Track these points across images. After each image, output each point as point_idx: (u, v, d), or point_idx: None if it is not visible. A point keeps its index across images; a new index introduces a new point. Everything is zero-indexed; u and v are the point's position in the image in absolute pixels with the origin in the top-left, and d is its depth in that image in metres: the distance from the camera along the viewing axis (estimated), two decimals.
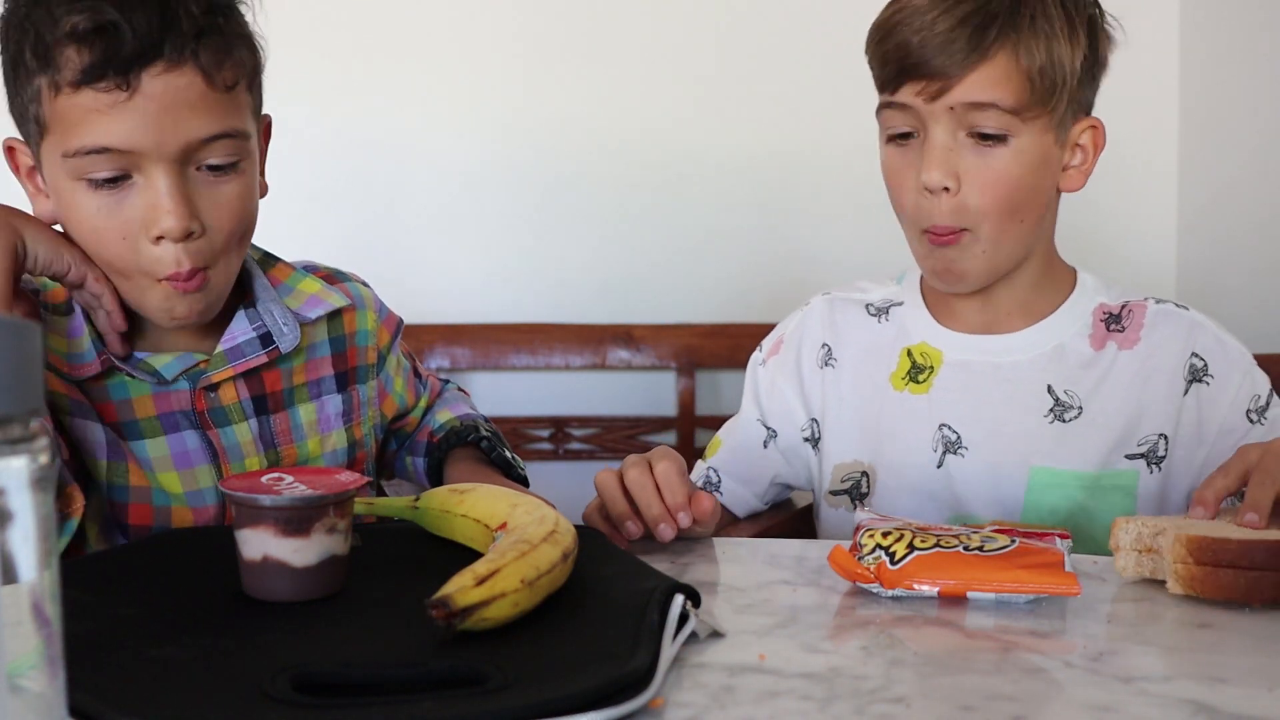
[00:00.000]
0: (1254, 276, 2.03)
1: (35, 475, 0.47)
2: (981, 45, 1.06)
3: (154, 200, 0.94)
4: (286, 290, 1.12)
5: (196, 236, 0.96)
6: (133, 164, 0.94)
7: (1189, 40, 2.21)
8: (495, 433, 1.23)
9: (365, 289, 1.20)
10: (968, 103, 1.07)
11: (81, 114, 0.92)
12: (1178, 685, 0.68)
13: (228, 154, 0.97)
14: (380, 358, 1.20)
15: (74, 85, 0.91)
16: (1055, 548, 0.87)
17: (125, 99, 0.91)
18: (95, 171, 0.94)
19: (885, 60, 1.11)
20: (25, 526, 0.47)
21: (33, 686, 0.48)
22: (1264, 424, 1.15)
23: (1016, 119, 1.08)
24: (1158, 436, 1.15)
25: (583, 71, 2.21)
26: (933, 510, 1.18)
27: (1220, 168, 2.16)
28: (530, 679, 0.64)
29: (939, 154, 1.09)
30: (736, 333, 2.17)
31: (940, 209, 1.10)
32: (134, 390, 1.03)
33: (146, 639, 0.72)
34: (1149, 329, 1.17)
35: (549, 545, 0.78)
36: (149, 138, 0.93)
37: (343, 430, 1.14)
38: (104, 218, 0.95)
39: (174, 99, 0.93)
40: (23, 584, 0.47)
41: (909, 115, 1.10)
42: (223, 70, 0.96)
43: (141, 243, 0.96)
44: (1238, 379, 1.15)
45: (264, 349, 1.07)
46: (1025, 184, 1.10)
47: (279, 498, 0.79)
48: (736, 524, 1.29)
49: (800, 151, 2.22)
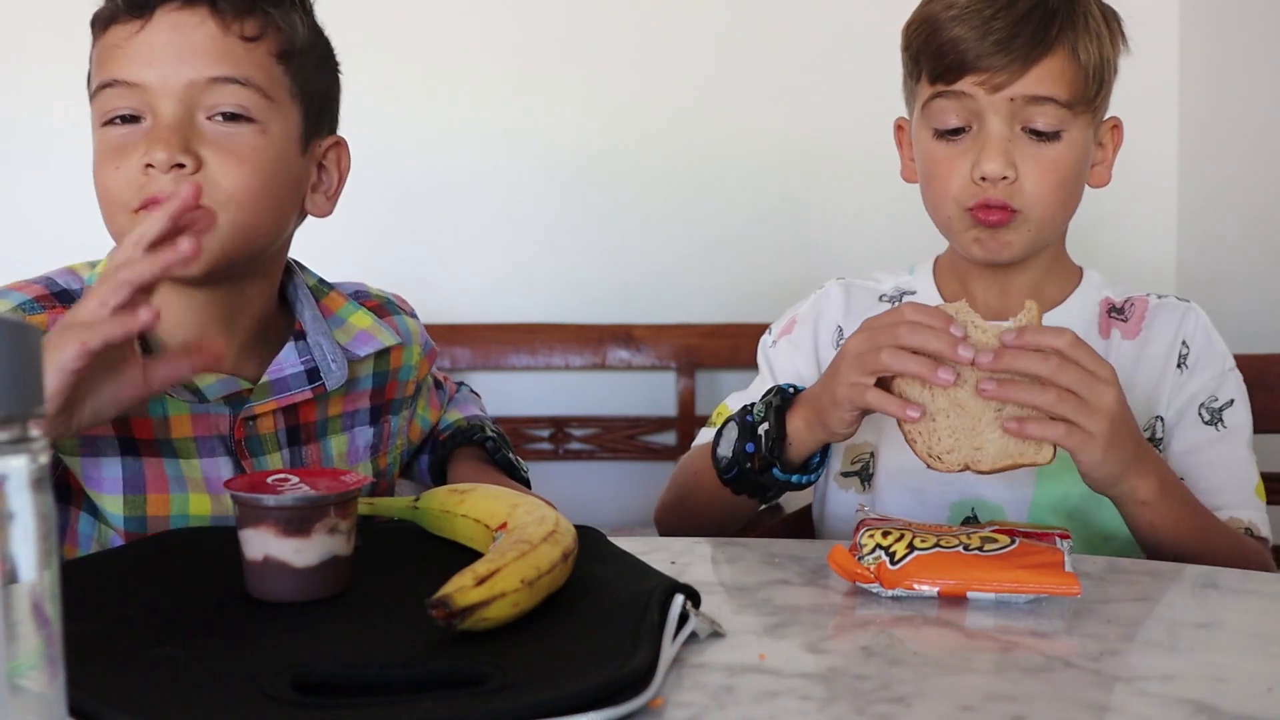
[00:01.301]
0: (1253, 276, 2.03)
1: (35, 475, 0.47)
2: (1045, 40, 1.09)
3: (155, 130, 0.96)
4: (337, 322, 1.11)
5: (190, 172, 0.95)
6: (142, 102, 0.96)
7: (1189, 40, 2.21)
8: (501, 434, 1.22)
9: (412, 320, 1.20)
10: (1028, 96, 1.09)
11: (104, 53, 0.97)
12: (1178, 685, 0.68)
13: (238, 102, 0.97)
14: (417, 389, 1.20)
15: (104, 26, 0.97)
16: (1055, 548, 0.87)
17: (137, 31, 0.96)
18: (109, 108, 0.96)
19: (940, 55, 1.11)
20: (25, 526, 0.47)
21: (33, 686, 0.48)
22: (1219, 428, 1.16)
23: (1069, 113, 1.11)
24: (1155, 419, 1.17)
25: (583, 73, 2.21)
26: (940, 495, 1.17)
27: (1220, 167, 2.16)
28: (530, 679, 0.64)
29: (999, 144, 1.10)
30: (736, 333, 2.18)
31: (995, 194, 1.11)
32: (172, 409, 1.01)
33: (147, 639, 0.72)
34: (1149, 320, 1.20)
35: (549, 545, 0.78)
36: (154, 70, 0.95)
37: (368, 462, 1.13)
38: (110, 155, 0.97)
39: (183, 36, 0.96)
40: (23, 584, 0.47)
41: (964, 108, 1.11)
42: (241, 20, 0.97)
43: (133, 172, 0.95)
44: (1208, 375, 1.17)
45: (309, 384, 1.05)
46: (1073, 176, 1.13)
47: (280, 497, 0.79)
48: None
49: (800, 152, 2.22)
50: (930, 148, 1.15)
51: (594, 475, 2.25)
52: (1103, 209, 2.14)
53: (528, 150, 2.21)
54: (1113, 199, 1.27)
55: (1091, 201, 1.18)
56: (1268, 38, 2.01)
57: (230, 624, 0.76)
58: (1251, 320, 1.96)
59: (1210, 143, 2.18)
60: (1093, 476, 0.99)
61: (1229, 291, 2.06)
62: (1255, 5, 2.05)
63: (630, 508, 2.19)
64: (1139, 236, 2.25)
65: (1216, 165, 2.17)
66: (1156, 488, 1.00)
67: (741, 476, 1.11)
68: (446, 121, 2.19)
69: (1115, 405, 0.96)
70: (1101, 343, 1.19)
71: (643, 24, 2.21)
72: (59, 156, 2.10)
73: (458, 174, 2.20)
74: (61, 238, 2.18)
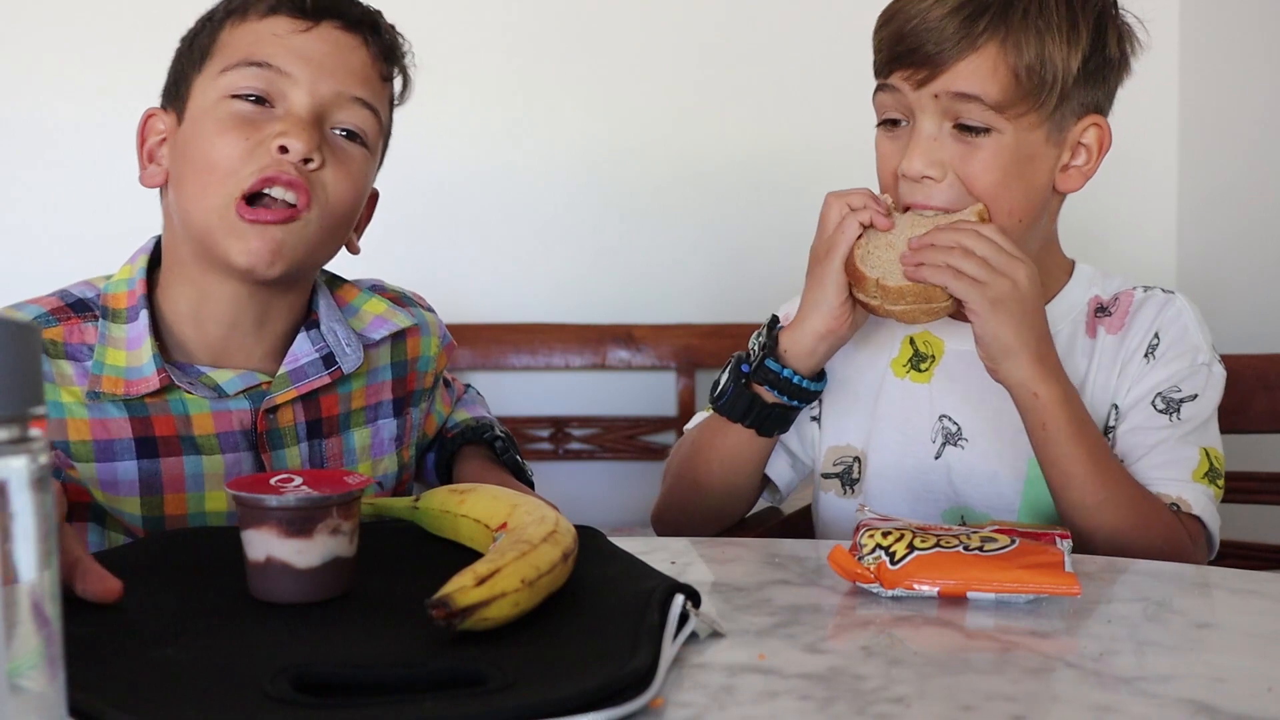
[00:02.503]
0: (1253, 275, 2.03)
1: (35, 475, 0.47)
2: (970, 35, 1.06)
3: (293, 119, 0.99)
4: (351, 311, 1.12)
5: (315, 168, 1.00)
6: (279, 91, 0.99)
7: (1189, 40, 2.21)
8: (509, 436, 1.23)
9: (430, 314, 1.21)
10: (953, 92, 1.07)
11: (256, 36, 1.00)
12: (1178, 685, 0.68)
13: (361, 123, 1.04)
14: (435, 381, 1.20)
15: (262, 14, 1.01)
16: (1055, 548, 0.87)
17: (303, 30, 1.01)
18: (246, 85, 0.99)
19: (880, 45, 1.12)
20: (25, 526, 0.47)
21: (33, 686, 0.48)
22: (1174, 419, 1.12)
23: (1000, 115, 1.07)
24: (1111, 407, 1.15)
25: (582, 74, 2.21)
26: (928, 501, 1.18)
27: (1220, 166, 2.16)
28: (530, 679, 0.64)
29: (922, 142, 1.09)
30: (736, 333, 2.17)
31: (923, 196, 1.10)
32: (193, 407, 1.01)
33: (147, 639, 0.72)
34: (1133, 314, 1.17)
35: (549, 545, 0.78)
36: (308, 69, 1.00)
37: (394, 455, 1.14)
38: (238, 128, 0.98)
39: (342, 52, 1.02)
40: (23, 584, 0.47)
41: (898, 102, 1.11)
42: (384, 59, 1.06)
43: (261, 148, 0.98)
44: (1175, 367, 1.14)
45: (326, 370, 1.06)
46: (1008, 180, 1.09)
47: (281, 498, 0.79)
48: (740, 523, 1.29)
49: (799, 151, 2.22)
50: (876, 138, 1.16)
51: (594, 475, 2.25)
52: (1103, 209, 2.14)
53: (528, 151, 2.21)
54: (1113, 199, 1.27)
55: (1092, 202, 1.18)
56: (1268, 38, 2.01)
57: (230, 624, 0.76)
58: (1251, 320, 1.96)
59: (1210, 143, 2.18)
60: (983, 337, 1.04)
61: (1229, 291, 2.06)
62: (1255, 5, 2.05)
63: (630, 508, 2.19)
64: (1139, 236, 2.25)
65: (1216, 165, 2.17)
66: (1056, 393, 1.04)
67: (738, 396, 1.13)
68: (449, 122, 2.19)
69: (1023, 279, 1.03)
70: (1089, 343, 1.17)
71: (644, 24, 2.21)
72: (59, 156, 2.10)
73: (458, 174, 2.20)
74: (60, 238, 2.19)
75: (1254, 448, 1.39)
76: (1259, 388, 1.24)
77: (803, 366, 1.12)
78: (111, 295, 1.02)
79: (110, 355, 0.99)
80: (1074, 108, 1.10)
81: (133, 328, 1.00)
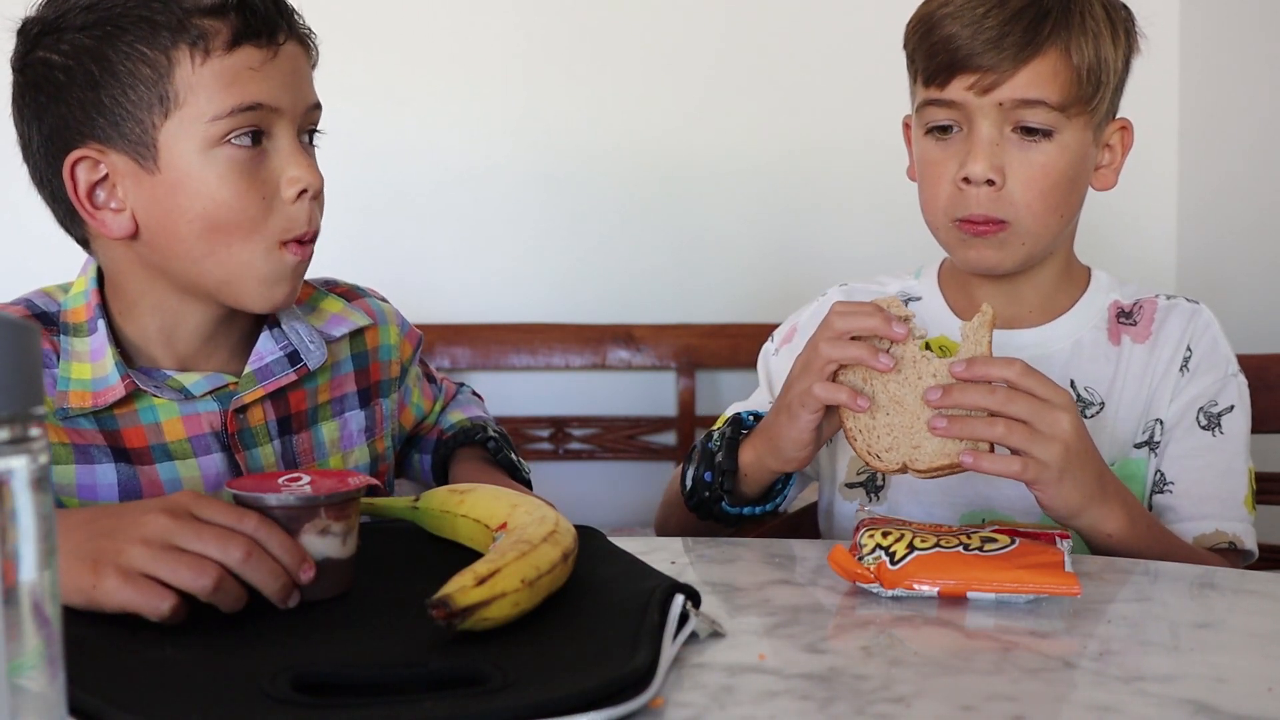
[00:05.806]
0: (1253, 276, 2.03)
1: (35, 475, 0.47)
2: (1035, 41, 1.07)
3: (291, 158, 0.99)
4: (309, 309, 1.12)
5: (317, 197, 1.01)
6: (268, 124, 0.98)
7: (1189, 40, 2.21)
8: (503, 435, 1.23)
9: (385, 304, 1.21)
10: (1017, 99, 1.08)
11: (233, 74, 0.97)
12: (1178, 685, 0.68)
13: (318, 121, 1.04)
14: (403, 370, 1.20)
15: (226, 48, 0.96)
16: (1056, 548, 0.87)
17: (271, 58, 0.98)
18: (242, 129, 0.97)
19: (933, 53, 1.10)
20: (25, 526, 0.47)
21: (33, 686, 0.48)
22: (1216, 434, 1.14)
23: (1062, 115, 1.08)
24: (1155, 422, 1.16)
25: (583, 72, 2.21)
26: (951, 505, 1.17)
27: (1220, 167, 2.16)
28: (530, 679, 0.64)
29: (985, 147, 1.09)
30: (736, 333, 2.18)
31: (980, 199, 1.10)
32: (163, 413, 1.01)
33: (147, 639, 0.72)
34: (1159, 323, 1.18)
35: (549, 545, 0.78)
36: (287, 95, 0.99)
37: (365, 446, 1.14)
38: (246, 178, 0.97)
39: (299, 64, 1.01)
40: (23, 584, 0.47)
41: (953, 110, 1.11)
42: (310, 52, 1.04)
43: (278, 201, 0.98)
44: (1209, 380, 1.16)
45: (292, 367, 1.06)
46: (1066, 180, 1.11)
47: (264, 500, 0.79)
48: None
49: (800, 152, 2.22)
50: (923, 147, 1.15)
51: (594, 475, 2.25)
52: (1103, 209, 2.14)
53: (529, 150, 2.21)
54: (1113, 199, 1.26)
55: (1092, 201, 1.18)
56: (1268, 38, 2.01)
57: (230, 624, 0.76)
58: (1252, 320, 1.96)
59: (1210, 143, 2.18)
60: (1052, 508, 0.98)
61: (1229, 291, 2.06)
62: (1255, 5, 2.05)
63: (630, 508, 2.19)
64: (1139, 236, 2.25)
65: (1216, 165, 2.17)
66: (1124, 522, 0.99)
67: (702, 505, 1.13)
68: (448, 121, 2.19)
69: (1070, 432, 0.94)
70: (1113, 349, 1.17)
71: (645, 24, 2.21)
72: None
73: (459, 174, 2.20)
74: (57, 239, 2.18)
75: (1254, 448, 1.39)
76: (1259, 388, 1.24)
77: (762, 493, 1.12)
78: (71, 310, 1.02)
79: (75, 369, 0.99)
80: (1110, 108, 1.13)
81: (94, 339, 1.00)
